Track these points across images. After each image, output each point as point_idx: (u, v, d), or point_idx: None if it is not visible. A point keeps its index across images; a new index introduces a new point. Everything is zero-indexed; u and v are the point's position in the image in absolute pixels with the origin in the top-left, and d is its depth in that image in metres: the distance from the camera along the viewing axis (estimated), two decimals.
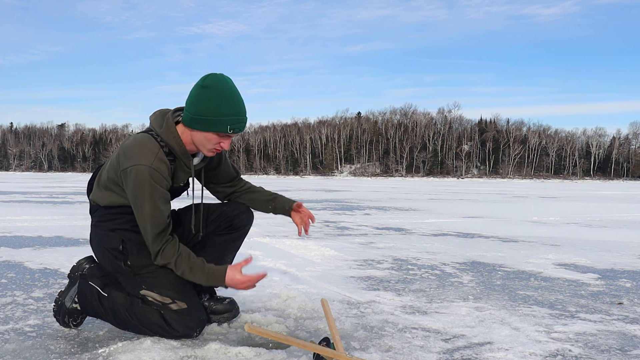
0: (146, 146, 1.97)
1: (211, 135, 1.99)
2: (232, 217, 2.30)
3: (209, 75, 1.99)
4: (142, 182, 1.93)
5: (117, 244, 2.08)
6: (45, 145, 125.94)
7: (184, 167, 2.09)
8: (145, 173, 1.93)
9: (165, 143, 2.02)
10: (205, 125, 1.96)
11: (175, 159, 2.06)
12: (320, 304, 2.62)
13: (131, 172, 1.94)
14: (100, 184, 2.13)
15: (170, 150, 2.03)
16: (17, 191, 16.31)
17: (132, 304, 2.03)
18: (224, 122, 1.95)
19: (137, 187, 1.94)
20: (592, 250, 4.83)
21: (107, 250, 2.11)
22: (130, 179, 1.95)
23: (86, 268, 2.18)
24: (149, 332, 2.03)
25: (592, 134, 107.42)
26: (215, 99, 1.94)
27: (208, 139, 2.00)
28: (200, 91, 1.96)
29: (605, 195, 20.87)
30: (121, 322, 2.05)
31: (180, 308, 2.01)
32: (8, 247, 4.41)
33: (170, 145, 2.02)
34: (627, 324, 2.43)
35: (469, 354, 1.96)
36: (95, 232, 2.17)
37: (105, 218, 2.13)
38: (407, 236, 5.74)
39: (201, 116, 1.95)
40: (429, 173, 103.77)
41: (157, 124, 2.04)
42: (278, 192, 2.44)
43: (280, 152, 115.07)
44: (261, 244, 4.70)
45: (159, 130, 2.02)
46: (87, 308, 2.12)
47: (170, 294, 2.02)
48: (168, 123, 2.02)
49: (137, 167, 1.93)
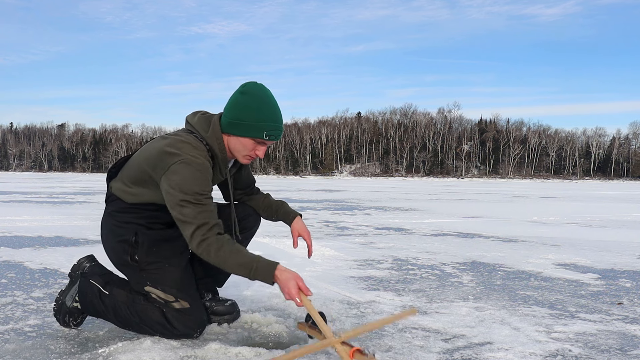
0: (194, 146, 1.95)
1: (247, 141, 1.99)
2: (240, 219, 2.30)
3: (248, 83, 2.01)
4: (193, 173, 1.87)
5: (130, 237, 2.06)
6: (45, 145, 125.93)
7: (219, 173, 2.10)
8: (196, 163, 1.89)
9: (210, 147, 2.00)
10: (242, 131, 1.97)
11: (214, 165, 2.06)
12: (319, 304, 2.62)
13: (180, 164, 1.87)
14: (126, 177, 2.07)
15: (212, 155, 2.02)
16: (17, 191, 16.32)
17: (134, 301, 2.03)
18: (261, 127, 1.95)
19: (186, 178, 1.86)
20: (592, 250, 4.83)
21: (118, 242, 2.09)
22: (179, 172, 1.87)
23: (87, 267, 2.18)
24: (149, 330, 2.03)
25: (592, 134, 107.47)
26: (253, 105, 1.95)
27: (244, 144, 1.99)
28: (239, 97, 1.97)
29: (605, 195, 20.87)
30: (122, 320, 2.05)
31: (182, 307, 2.01)
32: (8, 247, 4.41)
33: (213, 151, 2.01)
34: (627, 324, 2.43)
35: (469, 354, 1.96)
36: (107, 221, 2.13)
37: (122, 210, 2.09)
38: (407, 236, 5.74)
39: (239, 121, 1.96)
40: (429, 173, 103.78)
41: (202, 128, 2.01)
42: (283, 200, 2.44)
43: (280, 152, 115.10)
44: (261, 244, 4.71)
45: (204, 134, 2.00)
46: (88, 307, 2.11)
47: (173, 292, 2.01)
48: (215, 128, 2.00)
49: (188, 159, 1.88)
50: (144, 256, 2.05)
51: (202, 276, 2.28)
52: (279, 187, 24.66)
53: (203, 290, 2.31)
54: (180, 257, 2.11)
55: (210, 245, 1.85)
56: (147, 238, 2.07)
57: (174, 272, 2.04)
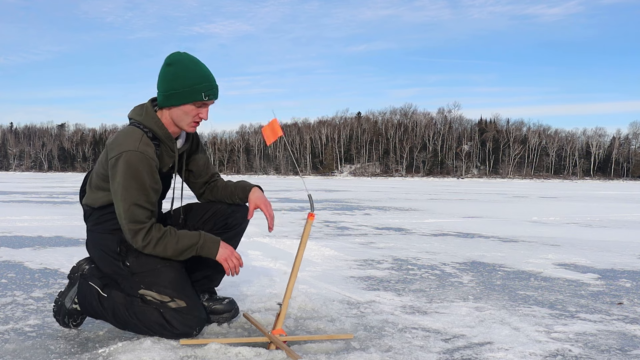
0: (129, 134, 2.00)
1: (188, 108, 2.03)
2: (227, 216, 2.28)
3: (172, 54, 2.06)
4: (129, 166, 1.94)
5: (115, 246, 2.08)
6: (45, 145, 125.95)
7: (169, 150, 2.12)
8: (133, 158, 1.94)
9: (149, 129, 2.04)
10: (180, 99, 2.01)
11: (160, 144, 2.08)
12: (319, 304, 2.62)
13: (118, 160, 1.95)
14: (92, 186, 2.14)
15: (154, 135, 2.05)
16: (17, 191, 16.32)
17: (132, 303, 2.03)
18: (197, 90, 2.00)
19: (124, 172, 1.94)
20: (592, 250, 4.83)
21: (105, 253, 2.11)
22: (118, 167, 1.95)
23: (86, 269, 2.19)
24: (149, 331, 2.03)
25: (592, 134, 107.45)
26: (184, 72, 2.01)
27: (186, 112, 2.04)
28: (167, 69, 2.04)
29: (605, 195, 20.87)
30: (121, 322, 2.05)
31: (179, 306, 2.01)
32: (8, 247, 4.41)
33: (153, 130, 2.05)
34: (627, 324, 2.43)
35: (469, 354, 1.96)
36: (91, 237, 2.18)
37: (100, 220, 2.12)
38: (407, 236, 5.74)
39: (174, 91, 2.01)
40: (429, 173, 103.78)
41: (136, 114, 2.08)
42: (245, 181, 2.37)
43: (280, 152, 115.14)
44: (261, 244, 4.70)
45: (139, 119, 2.06)
46: (86, 308, 2.12)
47: (168, 292, 2.02)
48: (147, 110, 2.07)
49: (123, 154, 1.95)
50: (135, 260, 2.06)
51: (198, 278, 2.27)
52: (279, 187, 24.65)
53: (200, 291, 2.30)
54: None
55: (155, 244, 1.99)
56: None
57: (168, 273, 2.05)
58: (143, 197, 1.97)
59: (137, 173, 1.95)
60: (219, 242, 2.08)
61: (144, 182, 1.97)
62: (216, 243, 2.07)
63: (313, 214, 2.05)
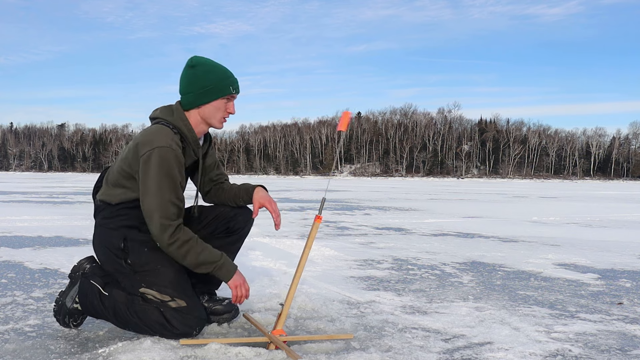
0: (160, 132, 2.05)
1: (219, 103, 2.13)
2: (229, 219, 2.29)
3: (192, 58, 2.17)
4: (163, 162, 1.98)
5: (119, 242, 2.09)
6: (45, 145, 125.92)
7: (191, 152, 2.16)
8: (167, 154, 1.99)
9: (178, 129, 2.09)
10: (212, 94, 2.11)
11: (185, 147, 2.12)
12: (319, 304, 2.62)
13: (150, 156, 1.98)
14: (109, 182, 2.15)
15: (181, 137, 2.10)
16: (17, 191, 16.32)
17: (133, 302, 2.03)
18: (226, 84, 2.13)
19: (159, 167, 1.98)
20: (592, 250, 4.83)
21: (109, 249, 2.11)
22: (152, 162, 1.98)
23: (87, 268, 2.19)
24: (149, 331, 2.03)
25: (592, 134, 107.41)
26: (210, 70, 2.13)
27: (217, 107, 2.13)
28: (193, 71, 2.13)
29: (605, 195, 20.87)
30: (122, 320, 2.05)
31: (179, 306, 2.01)
32: (8, 247, 4.41)
33: (182, 132, 2.10)
34: (627, 324, 2.43)
35: (469, 354, 1.96)
36: (98, 232, 2.18)
37: (111, 216, 2.12)
38: (407, 236, 5.74)
39: (204, 89, 2.11)
40: (429, 173, 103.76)
41: (165, 114, 2.13)
42: None
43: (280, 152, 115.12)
44: (261, 244, 4.70)
45: (169, 119, 2.10)
46: (87, 307, 2.12)
47: (169, 292, 2.02)
48: (177, 111, 2.13)
49: (157, 150, 1.99)
50: (136, 259, 2.07)
51: (199, 280, 2.27)
52: (279, 187, 24.65)
53: (200, 293, 2.30)
54: None
55: (180, 245, 2.01)
56: (137, 242, 2.08)
57: (168, 273, 2.05)
58: (174, 193, 2.01)
59: (171, 169, 2.00)
60: (236, 269, 2.14)
61: (176, 178, 2.01)
62: (234, 269, 2.13)
63: (320, 216, 2.06)
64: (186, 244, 2.02)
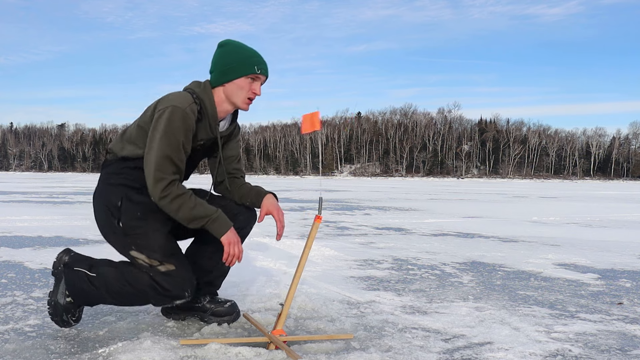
0: (182, 96, 2.08)
1: (242, 82, 2.11)
2: (231, 216, 2.26)
3: (222, 40, 2.21)
4: (173, 121, 1.99)
5: (117, 201, 2.08)
6: (45, 145, 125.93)
7: (207, 127, 2.14)
8: (179, 114, 2.01)
9: (200, 101, 2.10)
10: (234, 73, 2.11)
11: (203, 119, 2.12)
12: (319, 304, 2.62)
13: (162, 114, 2.01)
14: (124, 137, 2.16)
15: (201, 109, 2.11)
16: (17, 191, 16.32)
17: (123, 273, 2.03)
18: (250, 63, 2.11)
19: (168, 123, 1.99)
20: (592, 250, 4.83)
21: (106, 206, 2.10)
22: (163, 118, 2.00)
23: (67, 258, 2.17)
24: (144, 298, 2.03)
25: (592, 134, 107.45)
26: (236, 50, 2.14)
27: (241, 86, 2.12)
28: (221, 50, 2.16)
29: (605, 195, 20.87)
30: (116, 295, 2.05)
31: (168, 270, 2.01)
32: (8, 247, 4.41)
33: (203, 104, 2.11)
34: (627, 324, 2.43)
35: (469, 354, 1.96)
36: (99, 187, 2.17)
37: (115, 171, 2.13)
38: (407, 236, 5.74)
39: (228, 66, 2.11)
40: (429, 173, 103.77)
41: (194, 86, 2.15)
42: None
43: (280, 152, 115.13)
44: (261, 244, 4.70)
45: (197, 90, 2.12)
46: (79, 296, 2.11)
47: (157, 257, 2.01)
48: (205, 86, 2.15)
49: (171, 108, 2.01)
50: (128, 221, 2.06)
51: (200, 284, 2.26)
52: (279, 187, 24.65)
53: (201, 295, 2.30)
54: (164, 223, 2.10)
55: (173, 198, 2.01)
56: (133, 203, 2.08)
57: (158, 238, 2.05)
58: (176, 152, 2.02)
59: (178, 130, 2.01)
60: (230, 226, 2.09)
61: (179, 139, 2.02)
62: (228, 225, 2.08)
63: (320, 216, 2.06)
64: (179, 197, 2.01)
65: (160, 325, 2.25)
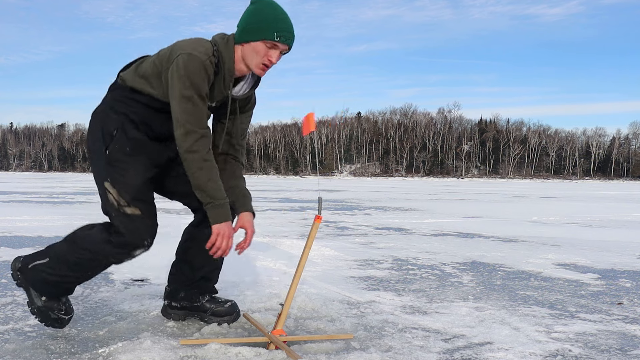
0: (202, 43, 1.98)
1: (259, 46, 1.98)
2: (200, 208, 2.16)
3: None
4: (189, 68, 1.91)
5: (113, 129, 2.03)
6: (45, 145, 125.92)
7: (222, 84, 2.04)
8: (194, 61, 1.92)
9: (219, 53, 2.00)
10: (252, 34, 1.98)
11: (219, 72, 2.02)
12: (319, 304, 2.62)
13: (179, 60, 1.92)
14: (138, 70, 2.07)
15: (219, 62, 2.00)
16: (17, 191, 16.32)
17: (74, 242, 2.01)
18: (270, 28, 1.96)
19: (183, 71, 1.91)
20: (592, 250, 4.83)
21: (101, 130, 2.05)
22: (179, 66, 1.92)
23: (19, 263, 2.13)
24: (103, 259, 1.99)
25: (592, 134, 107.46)
26: (263, 10, 1.99)
27: (256, 50, 1.98)
28: (250, 7, 2.03)
29: (605, 195, 20.87)
30: (76, 267, 2.01)
31: (132, 213, 1.97)
32: (8, 247, 4.40)
33: (222, 57, 2.00)
34: (627, 324, 2.43)
35: (469, 354, 1.96)
36: (101, 108, 2.10)
37: (120, 98, 2.06)
38: (407, 236, 5.74)
39: (250, 26, 1.99)
40: (429, 173, 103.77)
41: (219, 37, 2.05)
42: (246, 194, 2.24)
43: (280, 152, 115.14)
44: (261, 244, 4.70)
45: (219, 41, 2.02)
46: (47, 289, 2.07)
47: (127, 197, 1.97)
48: (228, 40, 2.03)
49: (189, 54, 1.92)
50: (116, 152, 2.01)
51: (196, 279, 2.26)
52: (279, 187, 24.65)
53: (200, 293, 2.29)
54: (148, 168, 2.05)
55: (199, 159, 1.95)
56: (127, 137, 2.02)
57: (136, 179, 2.00)
58: (199, 100, 1.95)
59: (196, 77, 1.92)
60: (228, 219, 2.01)
61: (201, 87, 1.95)
62: (226, 217, 2.01)
63: (320, 216, 2.05)
64: (205, 162, 1.95)
65: (160, 325, 2.25)
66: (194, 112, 1.94)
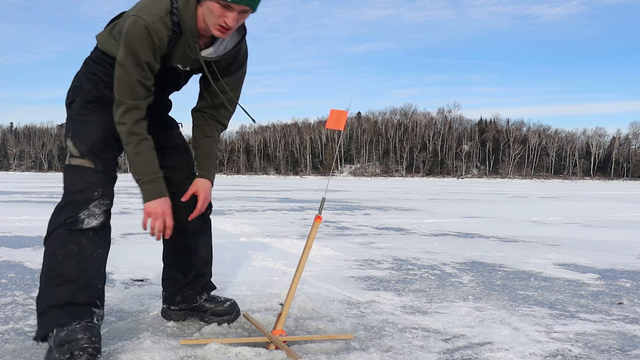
0: (157, 3, 1.83)
1: (213, 5, 1.79)
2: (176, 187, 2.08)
3: None
4: (132, 34, 1.80)
5: (82, 85, 1.98)
6: (45, 145, 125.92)
7: (186, 47, 1.90)
8: (139, 25, 1.79)
9: (179, 12, 1.84)
10: None
11: (181, 35, 1.88)
12: (319, 304, 2.62)
13: (128, 22, 1.81)
14: (113, 32, 1.97)
15: (179, 21, 1.86)
16: (17, 191, 16.32)
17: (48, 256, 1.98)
18: None
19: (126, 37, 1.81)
20: (592, 250, 4.83)
21: (75, 85, 2.02)
22: (123, 30, 1.83)
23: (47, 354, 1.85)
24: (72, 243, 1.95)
25: (592, 134, 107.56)
26: None
27: (211, 10, 1.80)
28: None
29: (605, 195, 20.87)
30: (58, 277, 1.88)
31: (82, 165, 1.87)
32: (8, 247, 4.41)
33: (182, 17, 1.84)
34: (627, 324, 2.43)
35: (469, 354, 1.96)
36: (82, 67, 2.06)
37: (96, 60, 2.01)
38: (407, 236, 5.74)
39: None
40: (429, 173, 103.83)
41: None
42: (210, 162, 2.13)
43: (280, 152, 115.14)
44: (261, 243, 4.71)
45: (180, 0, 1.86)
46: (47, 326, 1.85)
47: (82, 149, 1.88)
48: None
49: (135, 18, 1.80)
50: (79, 107, 1.95)
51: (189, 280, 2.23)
52: (279, 187, 24.65)
53: (197, 292, 2.28)
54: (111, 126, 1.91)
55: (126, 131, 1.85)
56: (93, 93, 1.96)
57: (96, 131, 1.91)
58: (135, 71, 1.83)
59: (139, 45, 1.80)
60: (160, 196, 1.88)
61: (139, 56, 1.82)
62: (156, 194, 1.88)
63: (320, 216, 2.05)
64: (131, 136, 1.85)
65: (160, 325, 2.25)
66: (125, 80, 1.83)
